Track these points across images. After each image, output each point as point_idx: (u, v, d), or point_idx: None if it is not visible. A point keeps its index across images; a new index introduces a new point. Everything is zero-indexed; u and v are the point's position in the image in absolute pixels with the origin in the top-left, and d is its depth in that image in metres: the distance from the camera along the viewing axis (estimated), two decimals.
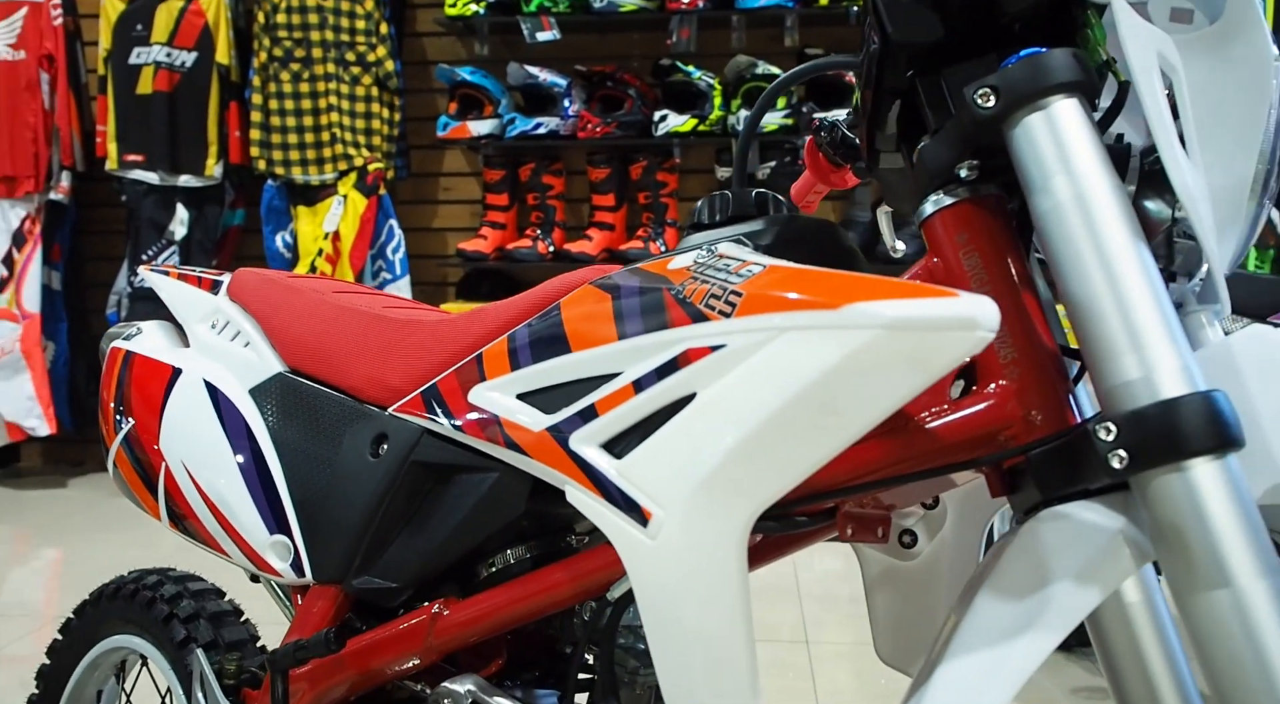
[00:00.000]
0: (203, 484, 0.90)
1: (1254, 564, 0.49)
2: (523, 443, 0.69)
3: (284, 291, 0.99)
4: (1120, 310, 0.52)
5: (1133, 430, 0.52)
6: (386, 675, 0.80)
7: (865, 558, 0.78)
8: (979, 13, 0.60)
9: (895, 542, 0.77)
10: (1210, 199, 0.55)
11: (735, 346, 0.57)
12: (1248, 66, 0.56)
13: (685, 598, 0.58)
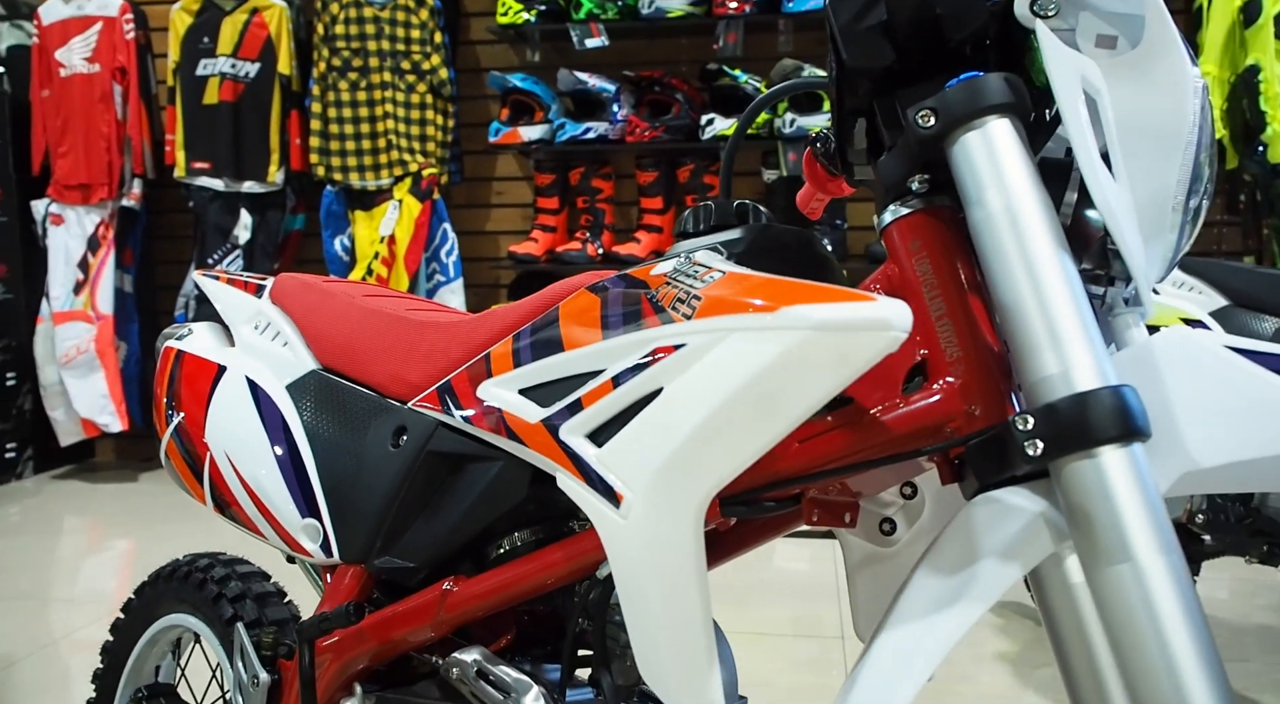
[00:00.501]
0: (243, 473, 0.98)
1: (1154, 542, 0.53)
2: (522, 434, 0.75)
3: (319, 295, 1.07)
4: (1042, 312, 0.57)
5: (1048, 421, 0.56)
6: (403, 647, 0.87)
7: (848, 545, 0.83)
8: (927, 39, 0.65)
9: (876, 530, 0.82)
10: (1135, 213, 0.60)
11: (694, 345, 0.63)
12: (1168, 87, 0.60)
13: (648, 572, 0.64)
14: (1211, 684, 0.51)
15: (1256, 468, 0.57)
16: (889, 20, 0.66)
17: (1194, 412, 0.58)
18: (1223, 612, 2.60)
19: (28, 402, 4.26)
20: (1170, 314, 2.07)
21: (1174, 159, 0.60)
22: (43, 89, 4.13)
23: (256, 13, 3.97)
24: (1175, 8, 3.58)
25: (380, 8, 3.84)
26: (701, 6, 3.74)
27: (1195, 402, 0.58)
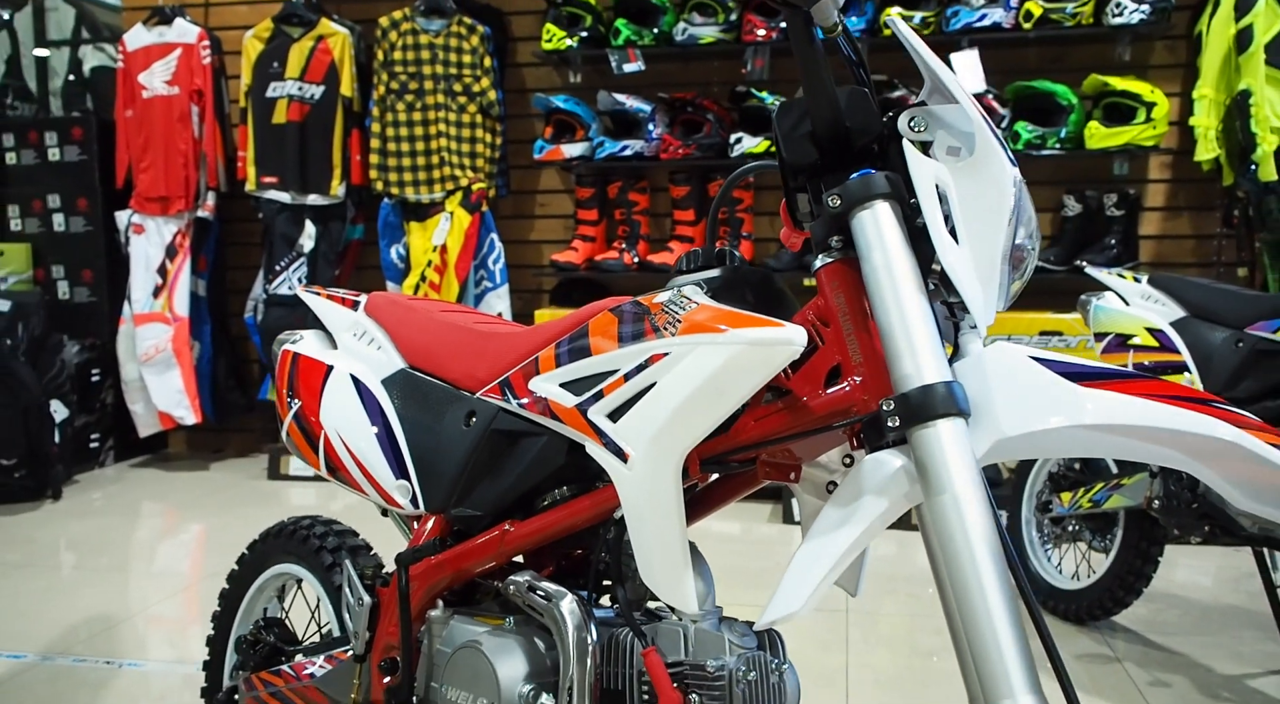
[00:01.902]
0: (350, 446, 1.28)
1: (967, 481, 0.80)
2: (561, 415, 1.05)
3: (405, 310, 1.37)
4: (905, 333, 0.84)
5: (904, 405, 0.84)
6: (472, 573, 1.17)
7: (802, 502, 1.11)
8: (839, 144, 0.93)
9: (824, 489, 1.09)
10: (974, 267, 0.87)
11: (675, 354, 0.91)
12: (994, 182, 0.88)
13: (645, 504, 0.93)
14: (1000, 576, 0.79)
15: (1044, 437, 0.84)
16: (813, 130, 0.94)
17: (1003, 399, 0.85)
18: (1200, 595, 2.84)
19: (110, 396, 4.62)
20: (1136, 323, 2.33)
21: (1001, 231, 0.87)
22: (126, 109, 4.49)
23: (322, 39, 4.30)
24: (1178, 33, 3.82)
25: (435, 35, 4.16)
26: (731, 33, 4.02)
27: (1004, 392, 0.85)
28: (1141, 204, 3.98)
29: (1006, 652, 0.76)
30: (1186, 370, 2.19)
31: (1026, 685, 0.75)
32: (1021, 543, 2.70)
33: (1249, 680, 2.25)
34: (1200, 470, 0.86)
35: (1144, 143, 3.70)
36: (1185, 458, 0.85)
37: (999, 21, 3.76)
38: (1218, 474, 0.85)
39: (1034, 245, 0.92)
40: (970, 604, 0.78)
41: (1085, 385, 0.83)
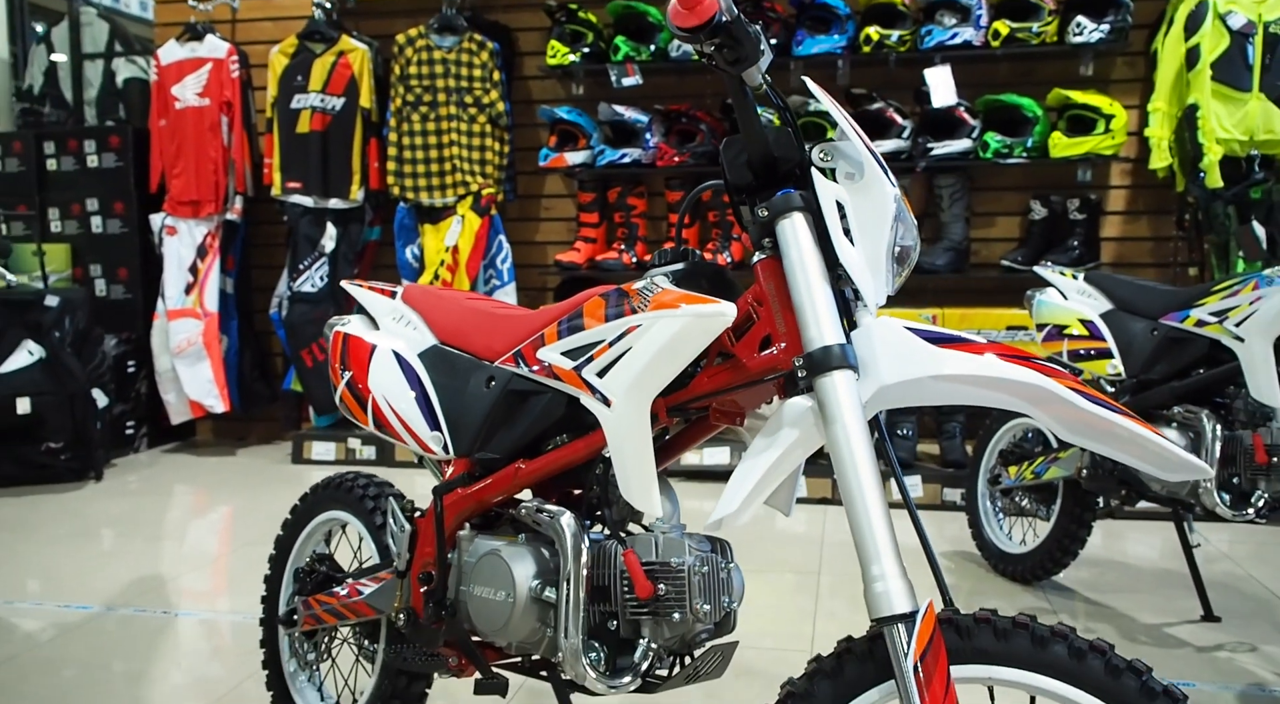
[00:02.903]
0: (394, 406, 1.60)
1: (853, 414, 1.10)
2: (562, 376, 1.36)
3: (435, 298, 1.69)
4: (810, 308, 1.15)
5: (809, 361, 1.14)
6: (491, 503, 1.48)
7: (747, 442, 1.41)
8: (769, 169, 1.24)
9: None
10: (866, 264, 1.18)
11: (645, 325, 1.22)
12: (879, 198, 1.18)
13: (624, 436, 1.24)
14: (873, 478, 1.09)
15: (913, 385, 1.14)
16: (749, 159, 1.25)
17: (884, 357, 1.15)
18: (1140, 562, 3.14)
19: (144, 386, 4.94)
20: (1071, 315, 2.64)
21: (885, 235, 1.18)
22: (160, 119, 4.81)
23: (342, 55, 4.62)
24: (1136, 50, 4.12)
25: (448, 51, 4.48)
26: None
27: (885, 352, 1.15)
28: (1102, 208, 4.28)
29: (876, 528, 1.08)
30: (1111, 356, 2.51)
31: (890, 550, 1.07)
32: (978, 513, 3.01)
33: (1166, 628, 2.56)
34: (1032, 411, 1.17)
35: (1104, 152, 4.01)
36: (1019, 401, 1.16)
37: (970, 39, 4.07)
38: (1043, 414, 1.16)
39: (914, 244, 1.23)
40: (851, 497, 1.10)
41: (943, 347, 1.14)
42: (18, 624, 2.66)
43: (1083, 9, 4.00)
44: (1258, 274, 2.22)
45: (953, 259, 4.24)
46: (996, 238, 4.43)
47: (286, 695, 1.95)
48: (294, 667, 1.95)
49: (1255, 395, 2.15)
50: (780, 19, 4.30)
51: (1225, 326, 2.21)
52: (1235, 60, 3.77)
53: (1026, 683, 1.07)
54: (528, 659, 1.46)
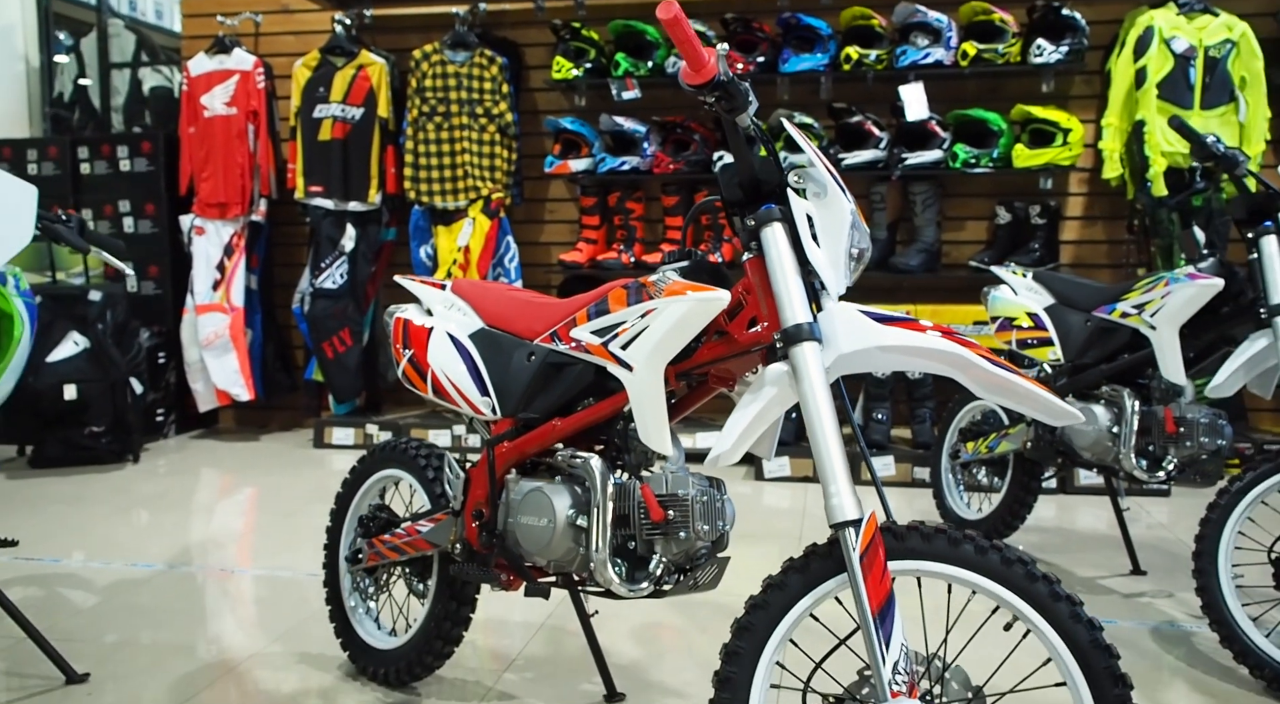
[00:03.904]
0: (450, 376, 1.95)
1: (817, 373, 1.46)
2: (591, 350, 1.72)
3: (482, 289, 2.05)
4: (787, 295, 1.51)
5: (784, 335, 1.50)
6: (531, 454, 1.84)
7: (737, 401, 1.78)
8: (754, 188, 1.60)
9: None
10: (828, 261, 1.55)
11: (659, 307, 1.59)
12: (838, 212, 1.54)
13: (643, 393, 1.61)
14: (831, 421, 1.46)
15: (863, 354, 1.50)
16: (739, 181, 1.61)
17: (841, 332, 1.49)
18: (1088, 529, 3.53)
19: (173, 376, 5.29)
20: (1020, 309, 3.01)
21: (843, 240, 1.54)
22: (189, 126, 5.16)
23: (362, 68, 4.98)
24: (1093, 69, 4.51)
25: (460, 65, 4.84)
26: None
27: (842, 329, 1.50)
28: (1061, 214, 4.67)
29: (834, 458, 1.44)
30: (1052, 343, 2.89)
31: (843, 474, 1.43)
32: (941, 485, 3.38)
33: (1098, 580, 2.95)
34: (958, 376, 1.53)
35: (1062, 162, 4.40)
36: (944, 367, 1.52)
37: (941, 59, 4.46)
38: (963, 376, 1.53)
39: (868, 247, 1.60)
40: (815, 437, 1.46)
41: (887, 325, 1.51)
42: (93, 580, 3.01)
43: (1043, 32, 4.38)
44: (1170, 273, 2.60)
45: (925, 260, 4.62)
46: (966, 240, 4.81)
47: (348, 626, 2.31)
48: (354, 602, 2.31)
49: (1165, 376, 2.53)
50: (768, 38, 4.67)
51: (1143, 317, 2.59)
52: (1178, 81, 4.17)
53: (944, 573, 1.43)
54: (562, 574, 1.82)
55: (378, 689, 2.22)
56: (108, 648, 2.46)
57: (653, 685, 2.23)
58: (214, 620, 2.68)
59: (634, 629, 2.58)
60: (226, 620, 2.68)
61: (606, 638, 2.36)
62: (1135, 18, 4.32)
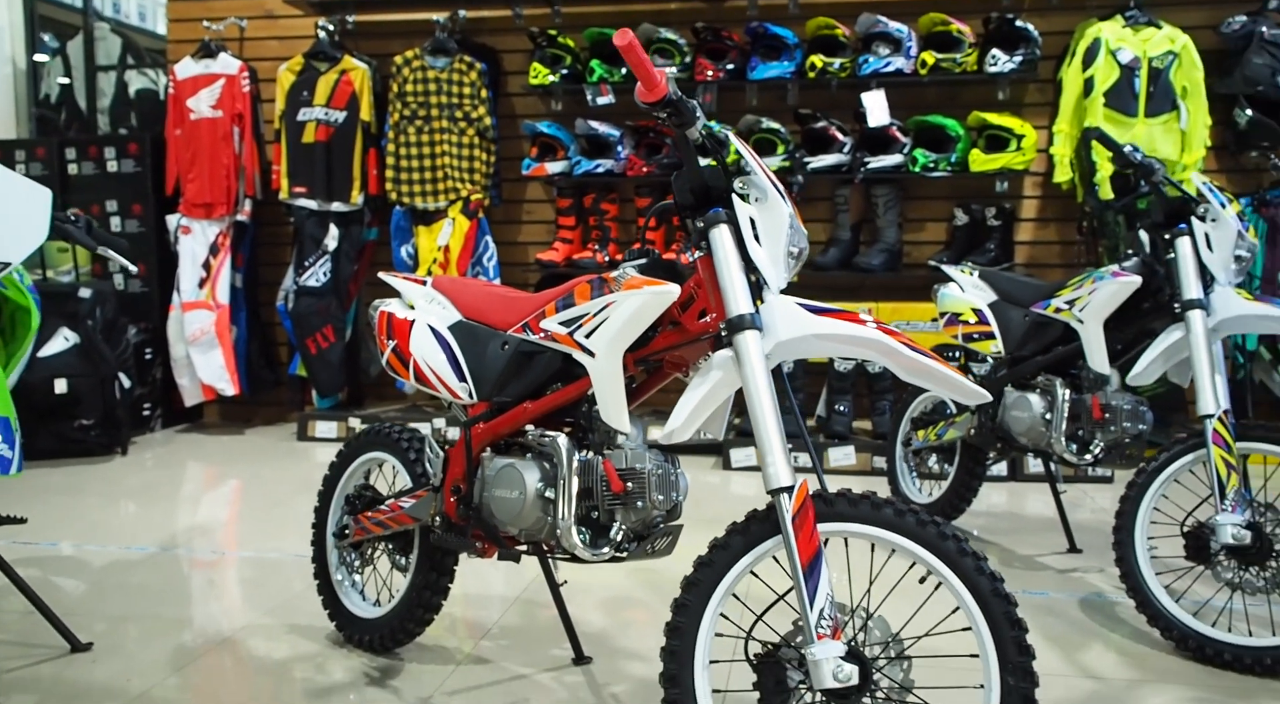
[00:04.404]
0: (431, 364, 2.13)
1: (757, 359, 1.65)
2: (559, 339, 1.90)
3: (460, 285, 2.23)
4: (731, 289, 1.69)
5: (729, 324, 1.68)
6: (507, 433, 2.02)
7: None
8: (704, 196, 1.79)
9: None
10: (770, 260, 1.73)
11: (618, 300, 1.77)
12: (778, 215, 1.73)
13: (604, 377, 1.79)
14: (770, 401, 1.64)
15: (799, 341, 1.69)
16: (691, 188, 1.79)
17: (780, 321, 1.68)
18: (1036, 513, 3.74)
19: (159, 372, 5.43)
20: (965, 305, 3.21)
21: (782, 240, 1.73)
22: (175, 129, 5.30)
23: (345, 73, 5.14)
24: (1046, 78, 4.73)
25: (440, 71, 5.01)
26: (685, 73, 4.88)
27: (781, 319, 1.69)
28: (1016, 216, 4.89)
29: (771, 432, 1.63)
30: (994, 337, 3.09)
31: (779, 446, 1.62)
32: (895, 471, 3.58)
33: (1036, 557, 3.16)
34: (884, 361, 1.72)
35: (1015, 167, 4.61)
36: (870, 352, 1.71)
37: (901, 68, 4.66)
38: (891, 362, 1.72)
39: (804, 246, 1.79)
40: (754, 413, 1.65)
41: (820, 316, 1.70)
42: (90, 562, 3.17)
43: (998, 43, 4.60)
44: (1097, 271, 2.81)
45: (887, 259, 4.82)
46: (926, 241, 5.03)
47: (335, 598, 2.48)
48: (340, 575, 2.49)
49: (1091, 366, 2.74)
50: (737, 47, 4.87)
51: (1072, 312, 2.79)
52: (1124, 90, 4.39)
53: (867, 533, 1.63)
54: (532, 542, 2.01)
55: (363, 655, 2.39)
56: (108, 621, 2.62)
57: (618, 651, 2.42)
58: (207, 596, 2.85)
59: (602, 601, 2.77)
60: (219, 596, 2.85)
61: (576, 609, 2.54)
62: (1084, 29, 4.54)
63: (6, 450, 2.01)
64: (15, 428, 2.03)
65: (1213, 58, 4.53)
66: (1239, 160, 4.73)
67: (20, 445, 2.03)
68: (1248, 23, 4.46)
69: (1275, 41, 4.41)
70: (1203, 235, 2.51)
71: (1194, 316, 2.46)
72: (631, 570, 3.00)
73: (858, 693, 1.56)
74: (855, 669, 1.54)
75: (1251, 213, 4.51)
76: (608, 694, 2.18)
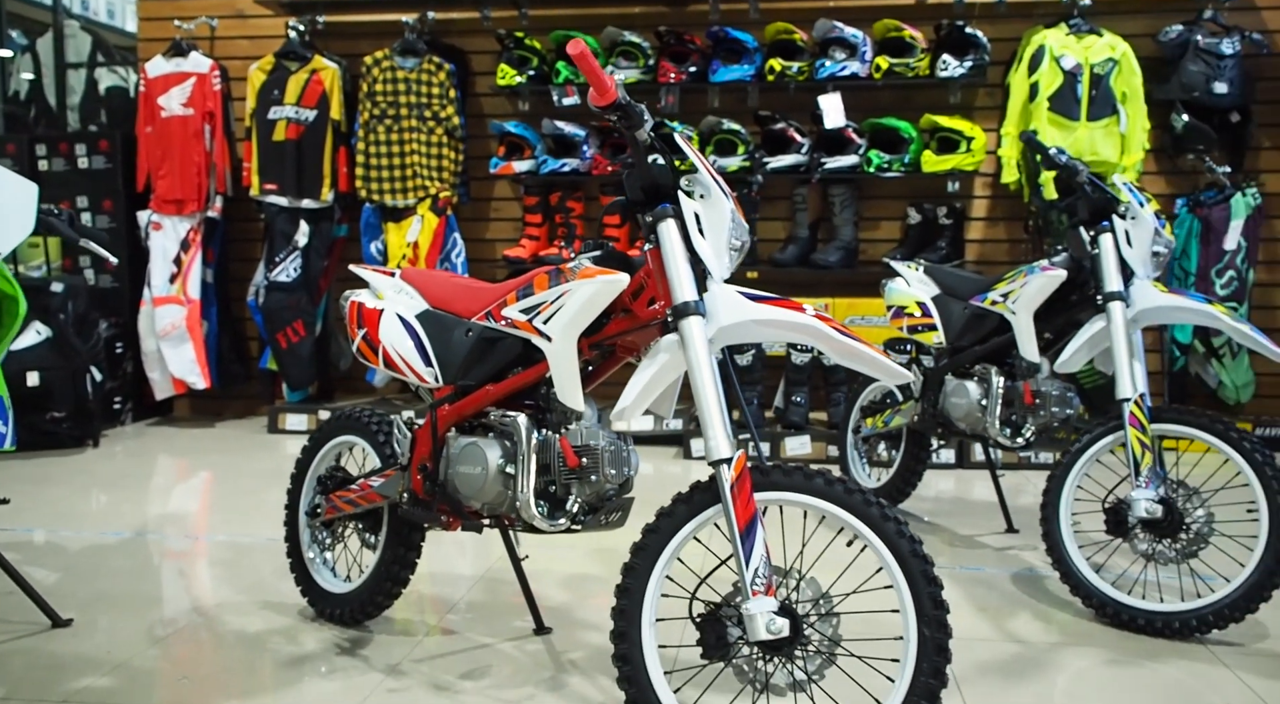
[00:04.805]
0: (399, 350, 2.26)
1: (701, 343, 1.79)
2: (519, 326, 2.04)
3: (427, 276, 2.36)
4: (677, 278, 1.82)
5: (675, 310, 1.81)
6: (470, 415, 2.16)
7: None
8: (654, 193, 1.93)
9: None
10: (713, 252, 1.87)
11: (573, 288, 1.90)
12: (720, 210, 1.86)
13: (560, 359, 1.92)
14: (713, 380, 1.78)
15: (739, 327, 1.82)
16: (641, 185, 1.93)
17: (722, 308, 1.82)
18: (980, 498, 3.91)
19: (130, 366, 5.50)
20: (910, 299, 3.38)
21: (724, 233, 1.87)
22: (146, 126, 5.38)
23: (315, 72, 5.24)
24: (995, 83, 4.91)
25: (409, 71, 5.12)
26: (649, 75, 5.03)
27: (723, 306, 1.83)
28: (967, 215, 5.08)
29: (711, 408, 1.77)
30: (937, 329, 3.26)
31: (719, 421, 1.77)
32: (846, 458, 3.75)
33: (976, 537, 3.33)
34: (818, 344, 1.87)
35: (966, 168, 4.80)
36: (805, 337, 1.86)
37: (856, 72, 4.83)
38: (823, 346, 1.86)
39: (746, 240, 1.93)
40: (697, 392, 1.80)
41: (759, 303, 1.85)
42: (66, 546, 3.27)
43: (949, 49, 4.78)
44: (1029, 266, 2.98)
45: (844, 257, 4.99)
46: (881, 239, 5.21)
47: (307, 574, 2.61)
48: (313, 553, 2.61)
49: (1022, 354, 2.91)
50: (699, 50, 5.02)
51: (1006, 304, 2.97)
52: (1067, 95, 4.58)
53: (799, 501, 1.78)
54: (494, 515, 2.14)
55: (333, 628, 2.52)
56: (86, 599, 2.73)
57: (576, 622, 2.56)
58: (183, 576, 2.96)
59: (562, 578, 2.91)
60: (194, 576, 2.97)
61: (537, 585, 2.68)
62: (1031, 36, 4.73)
63: (1, 426, 2.12)
64: (8, 406, 2.14)
65: (1151, 65, 4.74)
66: (1176, 163, 4.94)
67: (14, 422, 2.14)
68: (1183, 32, 4.67)
69: (1209, 50, 4.62)
70: (1123, 232, 2.69)
71: (1114, 308, 2.64)
72: (590, 550, 3.15)
73: (789, 644, 1.71)
74: (787, 623, 1.69)
75: (1187, 213, 4.72)
76: (566, 660, 2.33)
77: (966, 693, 2.15)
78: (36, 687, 2.16)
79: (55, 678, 2.21)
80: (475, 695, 2.14)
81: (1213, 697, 2.14)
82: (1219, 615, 2.38)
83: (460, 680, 2.21)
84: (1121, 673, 2.26)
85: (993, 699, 2.13)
